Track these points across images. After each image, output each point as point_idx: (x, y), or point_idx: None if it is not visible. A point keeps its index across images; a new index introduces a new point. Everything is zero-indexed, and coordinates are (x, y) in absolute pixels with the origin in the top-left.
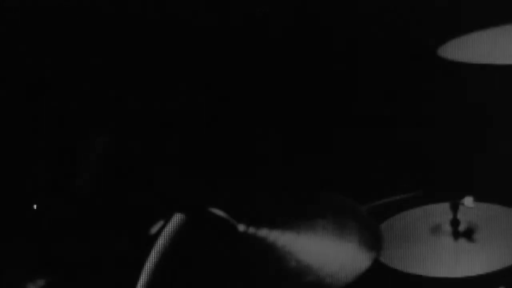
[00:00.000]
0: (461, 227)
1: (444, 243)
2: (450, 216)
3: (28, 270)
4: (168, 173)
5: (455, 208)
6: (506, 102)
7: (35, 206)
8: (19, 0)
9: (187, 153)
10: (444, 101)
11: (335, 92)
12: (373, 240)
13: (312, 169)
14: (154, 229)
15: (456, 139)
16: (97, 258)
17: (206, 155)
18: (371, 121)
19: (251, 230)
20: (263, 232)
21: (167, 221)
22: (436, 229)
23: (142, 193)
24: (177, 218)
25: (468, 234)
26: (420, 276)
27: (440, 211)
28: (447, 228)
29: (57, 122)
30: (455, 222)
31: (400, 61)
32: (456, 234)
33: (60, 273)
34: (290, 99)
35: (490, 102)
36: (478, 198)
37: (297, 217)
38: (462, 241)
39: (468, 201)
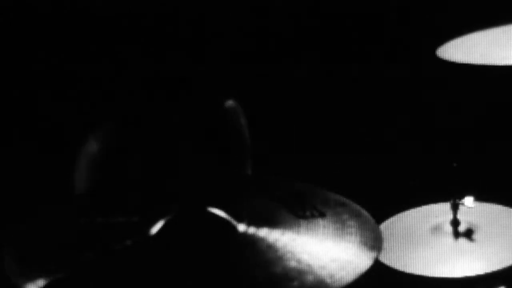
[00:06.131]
0: (461, 227)
1: (444, 243)
2: (450, 216)
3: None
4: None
5: (455, 208)
6: (506, 102)
7: None
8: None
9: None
10: (444, 101)
11: (333, 93)
12: (373, 240)
13: (312, 170)
14: (154, 229)
15: (456, 139)
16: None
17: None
18: (369, 121)
19: (251, 230)
20: (263, 232)
21: (167, 221)
22: (436, 229)
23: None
24: None
25: (468, 234)
26: (420, 276)
27: (440, 211)
28: (447, 228)
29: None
30: (455, 222)
31: (400, 61)
32: (456, 234)
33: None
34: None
35: (490, 102)
36: (478, 198)
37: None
38: (462, 241)
39: (468, 201)
